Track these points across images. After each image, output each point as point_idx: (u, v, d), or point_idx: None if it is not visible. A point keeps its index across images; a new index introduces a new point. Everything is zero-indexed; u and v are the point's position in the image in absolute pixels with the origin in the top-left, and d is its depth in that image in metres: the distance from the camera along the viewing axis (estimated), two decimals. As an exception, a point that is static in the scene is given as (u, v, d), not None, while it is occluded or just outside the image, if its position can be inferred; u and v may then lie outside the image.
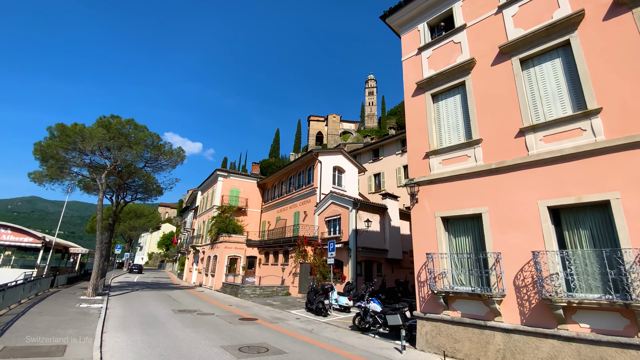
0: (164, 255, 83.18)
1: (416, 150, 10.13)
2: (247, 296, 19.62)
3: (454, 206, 8.81)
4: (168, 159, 20.34)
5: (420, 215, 9.44)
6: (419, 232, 9.37)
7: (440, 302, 8.30)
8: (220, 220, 27.35)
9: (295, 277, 20.90)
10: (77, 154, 16.91)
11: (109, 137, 16.54)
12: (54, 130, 15.65)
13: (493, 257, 7.78)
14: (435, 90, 10.16)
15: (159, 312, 12.94)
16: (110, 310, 12.77)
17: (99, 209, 16.88)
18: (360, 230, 18.55)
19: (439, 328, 8.40)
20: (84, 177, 19.82)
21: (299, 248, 20.87)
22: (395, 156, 29.32)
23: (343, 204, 19.75)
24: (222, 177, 30.60)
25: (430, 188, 9.41)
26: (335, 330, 10.72)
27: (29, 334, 8.06)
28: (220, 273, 25.09)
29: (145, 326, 10.04)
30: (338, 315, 13.49)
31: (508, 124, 8.32)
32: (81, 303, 13.66)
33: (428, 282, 8.68)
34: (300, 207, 24.74)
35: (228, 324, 11.17)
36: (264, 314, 13.66)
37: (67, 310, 11.90)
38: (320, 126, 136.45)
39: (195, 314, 12.92)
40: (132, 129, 17.82)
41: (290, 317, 13.05)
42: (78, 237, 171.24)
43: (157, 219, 63.88)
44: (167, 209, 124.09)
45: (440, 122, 9.95)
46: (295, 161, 26.57)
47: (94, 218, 51.45)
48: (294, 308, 15.57)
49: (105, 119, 16.93)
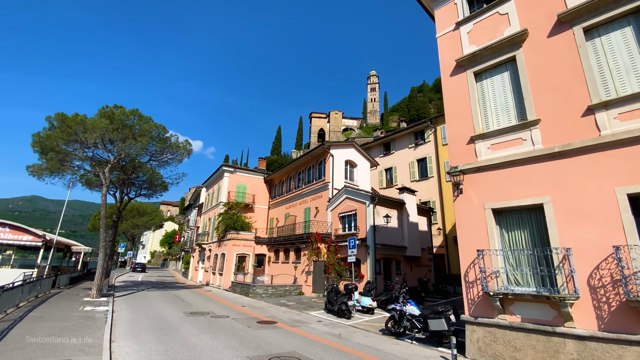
0: (166, 254, 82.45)
1: (458, 135, 9.08)
2: (259, 296, 18.64)
3: (507, 196, 7.77)
4: (174, 153, 19.30)
5: (466, 207, 8.40)
6: (465, 226, 8.33)
7: (496, 304, 7.27)
8: (227, 216, 26.33)
9: (309, 275, 19.91)
10: (79, 146, 15.88)
11: (112, 128, 15.49)
12: (54, 120, 14.60)
13: (560, 254, 6.74)
14: (478, 67, 9.09)
15: (169, 315, 11.95)
16: (117, 313, 11.78)
17: (103, 205, 15.86)
18: (379, 226, 17.52)
19: (493, 334, 7.37)
20: (86, 172, 18.80)
21: (312, 245, 19.85)
22: (408, 150, 28.25)
23: (359, 199, 18.70)
24: (229, 172, 29.56)
25: (478, 177, 8.36)
26: (366, 335, 9.71)
27: (27, 345, 7.05)
28: (228, 272, 24.10)
29: (158, 332, 9.03)
30: (362, 318, 12.49)
31: (572, 101, 7.25)
32: (85, 306, 12.66)
33: (479, 283, 7.66)
34: (311, 203, 23.71)
35: (247, 328, 10.17)
36: (281, 316, 12.67)
37: (70, 314, 10.89)
38: (322, 123, 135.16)
39: (209, 317, 11.92)
40: (136, 120, 16.76)
41: (311, 320, 12.05)
42: (79, 236, 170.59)
43: (160, 217, 62.82)
44: (168, 207, 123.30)
45: (485, 102, 8.88)
46: (305, 155, 25.52)
47: (95, 216, 50.50)
48: (311, 309, 14.58)
49: (108, 108, 15.87)
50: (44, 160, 15.19)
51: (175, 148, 19.10)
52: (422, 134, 27.41)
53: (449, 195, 24.05)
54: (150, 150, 18.42)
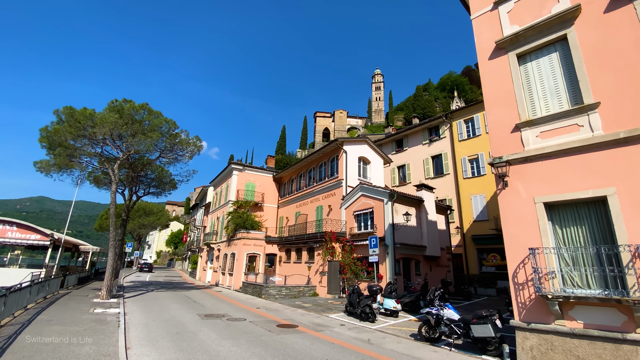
0: (172, 254, 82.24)
1: (500, 123, 8.32)
2: (272, 297, 17.97)
3: (562, 189, 7.00)
4: (184, 149, 18.68)
5: (513, 201, 7.65)
6: (513, 223, 7.58)
7: (554, 309, 6.51)
8: (237, 215, 25.71)
9: (323, 276, 19.20)
10: (87, 141, 15.32)
11: (121, 123, 14.90)
12: (62, 114, 14.04)
13: (629, 252, 5.98)
14: (522, 49, 8.32)
15: (184, 318, 11.30)
16: (129, 316, 11.16)
17: (112, 203, 15.29)
18: (398, 224, 16.77)
19: (550, 342, 6.61)
20: (95, 169, 18.27)
21: (327, 244, 19.15)
22: (421, 146, 27.43)
23: (376, 196, 17.96)
24: (237, 170, 28.96)
25: (526, 167, 7.60)
26: (398, 340, 8.98)
27: (36, 353, 6.43)
28: (239, 272, 23.48)
29: (175, 337, 8.37)
30: (387, 321, 11.75)
31: (637, 81, 6.48)
32: (95, 307, 12.06)
33: (533, 284, 6.90)
34: (323, 201, 23.01)
35: (268, 332, 9.49)
36: (301, 319, 11.97)
37: (80, 317, 10.29)
38: (326, 122, 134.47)
39: (225, 320, 11.26)
40: (146, 114, 16.17)
41: (333, 323, 11.34)
42: (86, 236, 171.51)
43: (166, 216, 62.58)
44: (174, 207, 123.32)
45: (530, 87, 8.11)
46: (317, 152, 24.83)
47: (102, 216, 50.22)
48: (330, 311, 13.87)
49: (117, 102, 15.29)
50: (52, 155, 14.64)
51: (185, 144, 18.48)
52: (437, 129, 26.58)
53: (466, 193, 23.23)
54: (160, 146, 17.82)
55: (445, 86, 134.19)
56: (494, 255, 21.21)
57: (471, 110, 24.46)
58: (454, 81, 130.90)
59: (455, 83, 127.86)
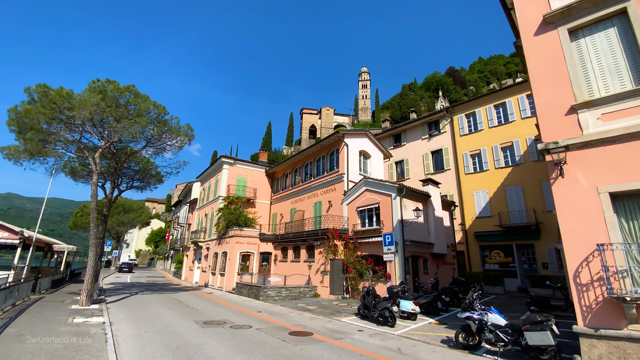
0: (153, 253, 78.83)
1: (551, 104, 7.45)
2: (271, 299, 16.70)
3: (629, 177, 6.19)
4: (174, 138, 17.04)
5: (572, 191, 6.78)
6: (572, 216, 6.71)
7: (630, 313, 5.69)
8: (228, 212, 24.16)
9: (325, 275, 18.09)
10: (63, 126, 13.48)
11: (104, 106, 13.17)
12: (34, 93, 12.15)
13: None
14: (574, 24, 7.48)
15: (180, 327, 9.90)
16: (116, 325, 9.63)
17: (93, 196, 13.53)
18: (407, 221, 15.88)
19: (623, 350, 5.79)
20: (71, 159, 16.36)
21: (329, 242, 18.05)
22: (421, 141, 26.76)
23: (383, 191, 17.00)
24: (228, 164, 27.33)
25: (585, 154, 6.75)
26: (432, 349, 8.00)
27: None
28: (231, 272, 22.00)
29: (178, 354, 7.02)
30: (408, 325, 10.77)
31: None
32: (74, 316, 10.42)
33: (601, 285, 6.06)
34: (322, 197, 21.87)
35: (283, 343, 8.29)
36: (312, 325, 10.82)
37: (57, 329, 8.70)
38: (313, 119, 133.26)
39: (229, 328, 9.95)
40: (132, 97, 14.45)
41: (349, 329, 10.26)
42: (58, 234, 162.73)
43: (147, 214, 59.51)
44: (154, 204, 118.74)
45: (585, 65, 7.28)
46: (314, 145, 23.65)
47: (77, 213, 47.03)
48: (339, 314, 12.79)
49: (100, 83, 13.52)
50: (22, 141, 12.73)
51: (175, 133, 16.82)
52: (437, 124, 25.97)
53: (468, 189, 22.71)
54: (147, 134, 16.11)
55: (430, 86, 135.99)
56: (497, 252, 20.79)
57: (473, 105, 23.96)
58: (438, 81, 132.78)
59: (440, 83, 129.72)
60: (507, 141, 21.49)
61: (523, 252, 20.03)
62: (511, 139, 21.31)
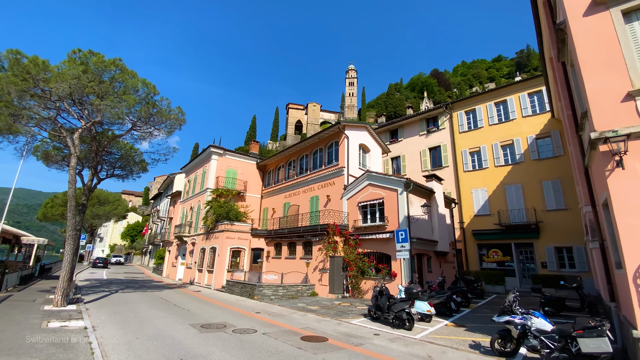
0: (129, 247, 75.27)
1: (604, 91, 6.81)
2: (267, 298, 15.62)
3: (700, 170, 5.63)
4: (164, 122, 15.53)
5: (632, 185, 6.18)
6: (632, 212, 6.10)
7: None
8: (218, 205, 22.73)
9: (324, 273, 17.18)
10: (36, 102, 11.76)
11: (86, 80, 11.58)
12: (4, 60, 10.42)
13: None
14: (628, 5, 6.87)
15: (176, 332, 8.69)
16: (100, 331, 8.30)
17: (71, 181, 11.92)
18: (414, 217, 15.22)
19: (696, 362, 5.22)
20: (45, 141, 14.57)
21: (329, 239, 17.14)
22: (418, 137, 26.29)
23: (389, 186, 16.24)
24: (217, 155, 25.81)
25: (648, 144, 6.16)
26: (467, 357, 7.27)
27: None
28: (221, 269, 20.67)
29: (181, 367, 5.90)
30: (425, 328, 10.03)
31: None
32: (50, 320, 8.96)
33: (671, 289, 5.47)
34: (319, 191, 20.92)
35: (299, 351, 7.31)
36: (322, 328, 9.90)
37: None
38: (299, 115, 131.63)
39: (232, 332, 8.85)
40: (118, 73, 12.87)
41: (364, 333, 9.41)
42: (25, 227, 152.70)
43: (124, 206, 56.23)
44: (130, 197, 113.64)
45: (643, 49, 6.70)
46: (312, 137, 22.59)
47: (47, 204, 43.76)
48: (345, 315, 11.92)
49: (82, 53, 11.88)
50: (-13, 115, 10.97)
51: (165, 117, 15.30)
52: (435, 120, 25.55)
53: (466, 187, 22.42)
54: (133, 116, 14.55)
55: (415, 86, 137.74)
56: (495, 251, 20.61)
57: (473, 102, 23.67)
58: (423, 82, 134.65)
59: (426, 84, 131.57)
60: (507, 139, 21.30)
61: (521, 251, 19.94)
62: (512, 137, 21.14)
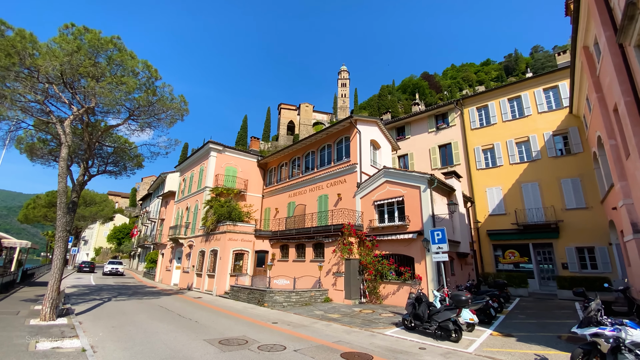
0: (115, 250, 72.31)
1: None
2: (279, 305, 14.28)
3: None
4: (165, 112, 14.07)
5: None
6: None
7: None
8: (219, 204, 21.23)
9: (338, 277, 15.93)
10: (21, 85, 10.17)
11: (80, 59, 10.08)
12: (-18, 29, 8.86)
13: None
14: None
15: (193, 351, 7.30)
16: (101, 352, 6.84)
17: (62, 175, 10.35)
18: (439, 217, 14.18)
19: None
20: (29, 133, 12.94)
21: (344, 240, 15.94)
22: (427, 134, 25.40)
23: (410, 182, 15.17)
24: (216, 152, 24.30)
25: None
26: (546, 376, 6.17)
27: None
28: (223, 273, 19.17)
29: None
30: (473, 339, 8.92)
31: None
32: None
33: None
34: (328, 190, 19.69)
35: (349, 373, 6.06)
36: (356, 341, 8.67)
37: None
38: (292, 115, 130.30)
39: (258, 350, 7.52)
40: (116, 53, 11.39)
41: (407, 347, 8.23)
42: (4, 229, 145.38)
43: (111, 207, 53.55)
44: (117, 198, 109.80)
45: None
46: (319, 133, 21.37)
47: (29, 205, 41.21)
48: (374, 325, 10.73)
49: (75, 29, 10.36)
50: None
51: (166, 105, 13.85)
52: (445, 117, 24.72)
53: (480, 185, 21.61)
54: (131, 104, 13.05)
55: (407, 88, 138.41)
56: (512, 251, 19.81)
57: (485, 97, 22.93)
58: (415, 84, 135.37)
59: (417, 86, 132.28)
60: (522, 136, 20.59)
61: (539, 251, 19.18)
62: (527, 134, 20.43)
